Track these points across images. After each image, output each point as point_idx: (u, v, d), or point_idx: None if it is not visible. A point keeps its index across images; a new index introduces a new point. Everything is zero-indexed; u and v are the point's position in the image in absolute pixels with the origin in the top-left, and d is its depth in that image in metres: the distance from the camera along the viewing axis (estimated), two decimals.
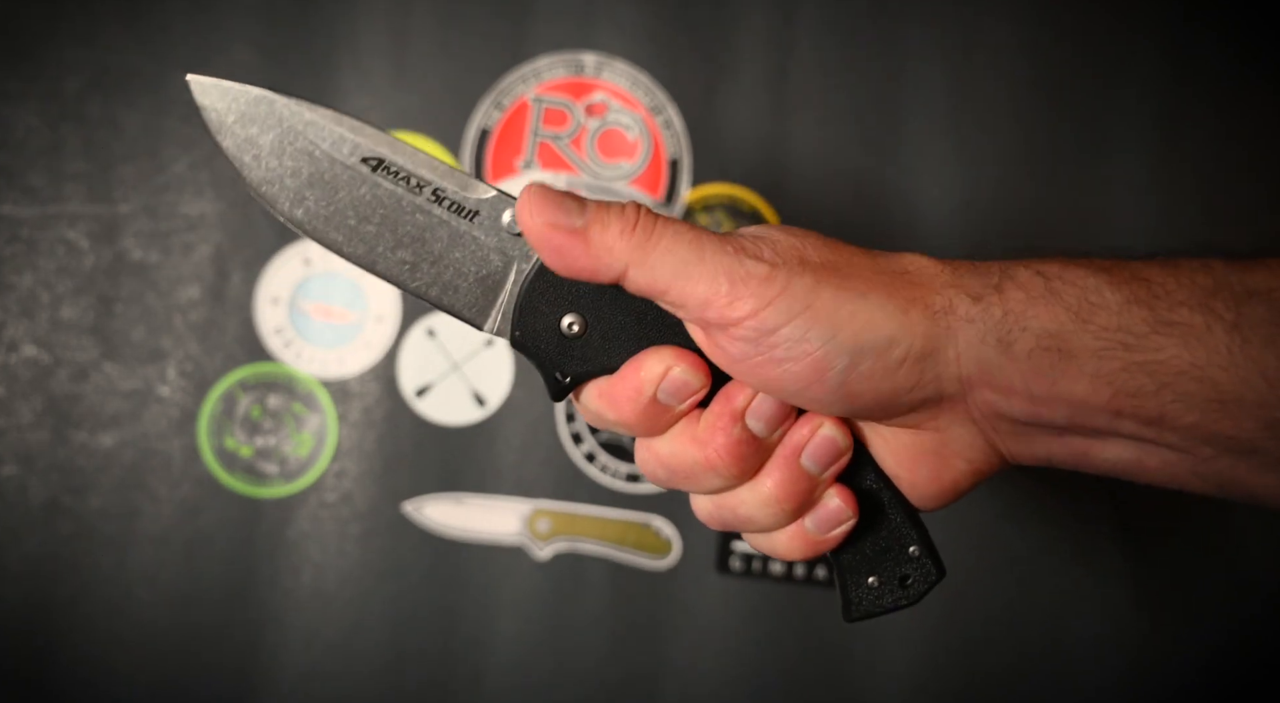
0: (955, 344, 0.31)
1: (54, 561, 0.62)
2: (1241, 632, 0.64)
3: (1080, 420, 0.31)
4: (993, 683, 0.63)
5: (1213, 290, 0.29)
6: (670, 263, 0.31)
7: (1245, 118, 0.65)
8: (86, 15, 0.64)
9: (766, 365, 0.31)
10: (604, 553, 0.64)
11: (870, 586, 0.36)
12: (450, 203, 0.33)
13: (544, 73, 0.65)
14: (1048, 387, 0.30)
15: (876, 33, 0.65)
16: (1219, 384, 0.28)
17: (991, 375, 0.31)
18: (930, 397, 0.32)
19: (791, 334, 0.31)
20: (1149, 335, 0.29)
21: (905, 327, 0.31)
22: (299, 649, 0.62)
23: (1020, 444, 0.33)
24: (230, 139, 0.33)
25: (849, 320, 0.31)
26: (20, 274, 0.63)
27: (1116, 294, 0.30)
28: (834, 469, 0.34)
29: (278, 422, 0.64)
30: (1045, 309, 0.30)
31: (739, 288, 0.31)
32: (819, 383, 0.31)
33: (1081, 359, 0.30)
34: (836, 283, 0.31)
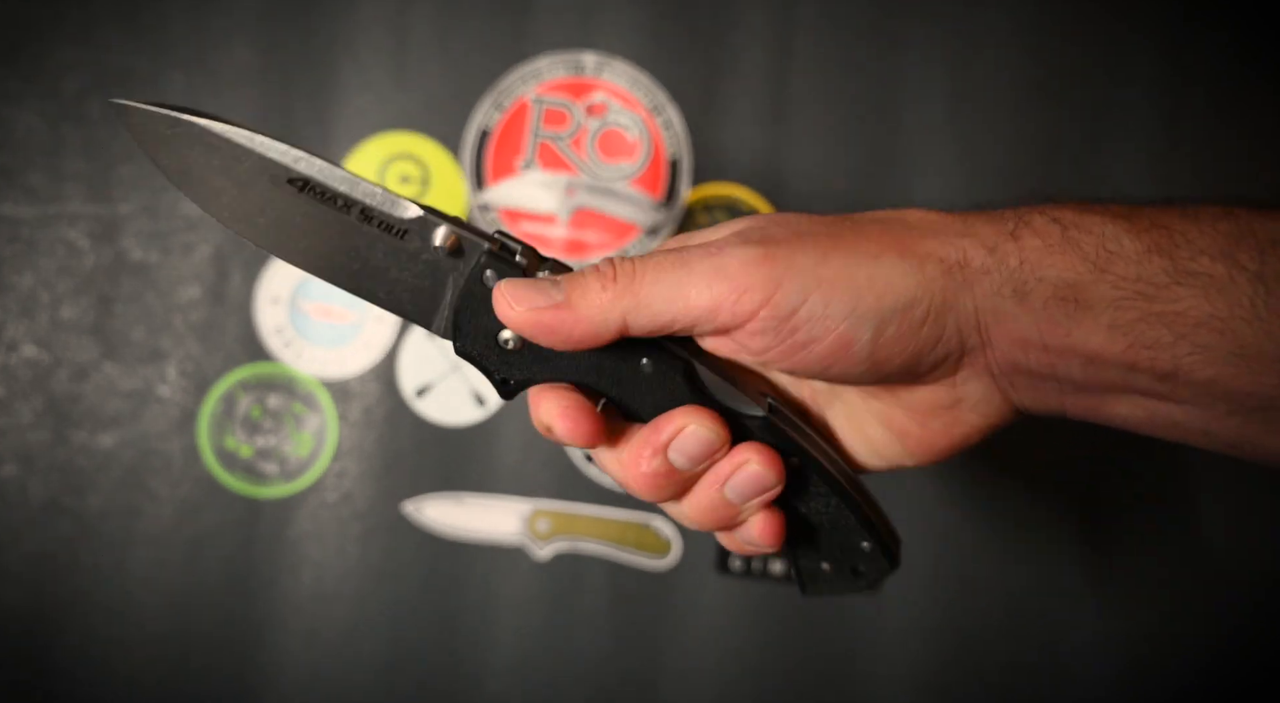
0: (973, 296, 0.30)
1: (54, 561, 0.62)
2: (1241, 632, 0.64)
3: (1094, 374, 0.30)
4: (993, 683, 0.63)
5: (1236, 238, 0.28)
6: (661, 292, 0.30)
7: (1245, 117, 0.65)
8: (86, 15, 0.64)
9: (791, 350, 0.30)
10: (604, 553, 0.64)
11: (824, 571, 0.36)
12: (379, 222, 0.33)
13: (544, 73, 0.65)
14: (1063, 337, 0.29)
15: (876, 32, 0.65)
16: (1240, 336, 0.27)
17: (1008, 326, 0.30)
18: (953, 351, 0.31)
19: (811, 312, 0.30)
20: (1169, 286, 0.28)
21: (923, 283, 0.30)
22: (299, 649, 0.62)
23: (1034, 397, 0.32)
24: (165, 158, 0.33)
25: (868, 286, 0.29)
26: (20, 274, 0.63)
27: (1136, 243, 0.29)
28: (759, 501, 0.33)
29: (278, 422, 0.64)
30: (1061, 258, 0.29)
31: (739, 280, 0.29)
32: (847, 356, 0.30)
33: (1098, 310, 0.29)
34: (845, 249, 0.30)
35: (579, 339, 0.31)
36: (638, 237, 0.65)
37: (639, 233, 0.65)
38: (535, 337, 0.31)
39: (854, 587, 0.36)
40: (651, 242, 0.65)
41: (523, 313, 0.31)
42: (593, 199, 0.65)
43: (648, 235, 0.65)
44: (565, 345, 0.31)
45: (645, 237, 0.65)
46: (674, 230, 0.65)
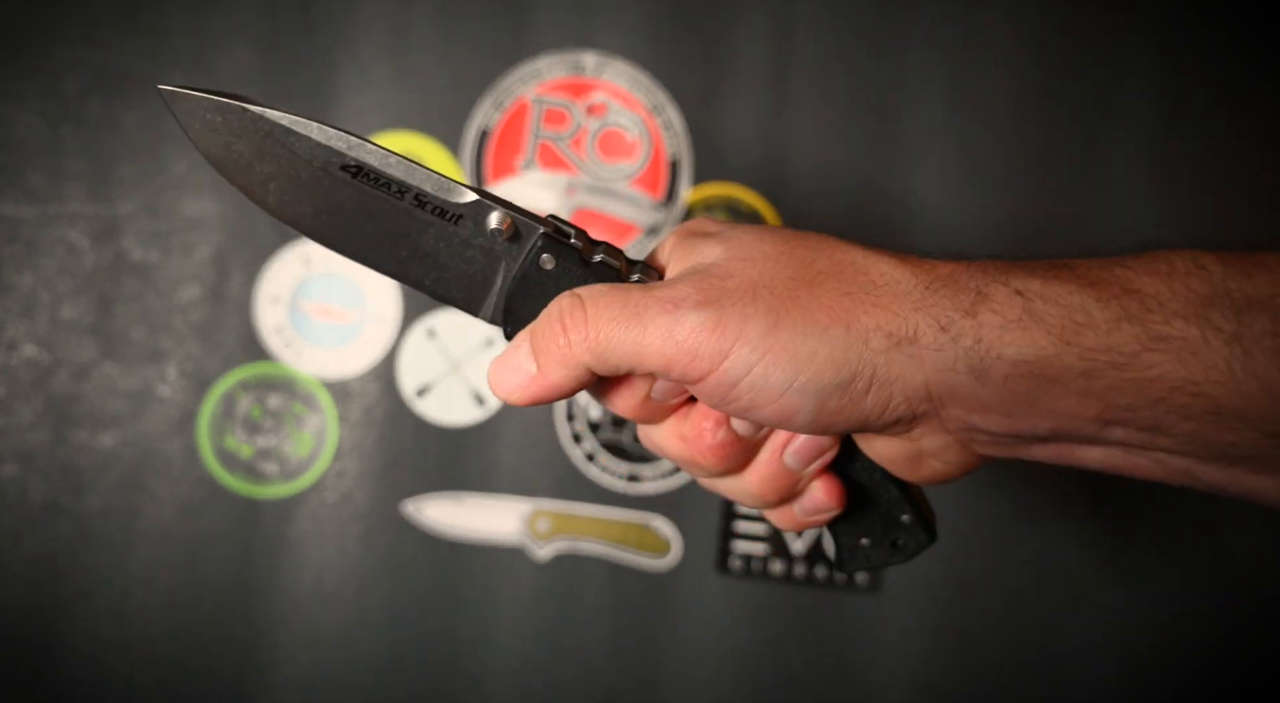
0: (922, 371, 0.29)
1: (54, 561, 0.62)
2: (1241, 633, 0.64)
3: (1066, 429, 0.29)
4: (993, 684, 0.63)
5: (1210, 299, 0.27)
6: (618, 347, 0.31)
7: (1246, 117, 0.65)
8: (86, 15, 0.64)
9: (738, 410, 0.32)
10: (604, 553, 0.64)
11: (863, 546, 0.37)
12: (433, 207, 0.33)
13: (544, 73, 0.65)
14: (1026, 406, 0.29)
15: (876, 32, 0.65)
16: (1218, 400, 0.27)
17: (963, 398, 0.30)
18: (903, 416, 0.31)
19: (752, 384, 0.30)
20: (1140, 354, 0.27)
21: (865, 357, 0.29)
22: (299, 649, 0.62)
23: (999, 449, 0.32)
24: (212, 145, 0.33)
25: (809, 360, 0.30)
26: (20, 274, 0.63)
27: (1105, 312, 0.28)
28: (816, 466, 0.34)
29: (278, 422, 0.64)
30: (1022, 335, 0.28)
31: (689, 345, 0.30)
32: (790, 422, 0.31)
33: (1066, 380, 0.28)
34: (795, 316, 0.30)
35: (568, 392, 0.33)
36: (638, 237, 0.65)
37: (639, 233, 0.65)
38: (536, 403, 0.34)
39: (891, 559, 0.37)
40: (651, 242, 0.65)
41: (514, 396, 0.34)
42: (593, 199, 0.65)
43: (648, 235, 0.65)
44: (560, 398, 0.33)
45: (645, 237, 0.65)
46: None
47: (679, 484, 0.64)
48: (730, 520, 0.64)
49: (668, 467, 0.64)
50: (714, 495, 0.64)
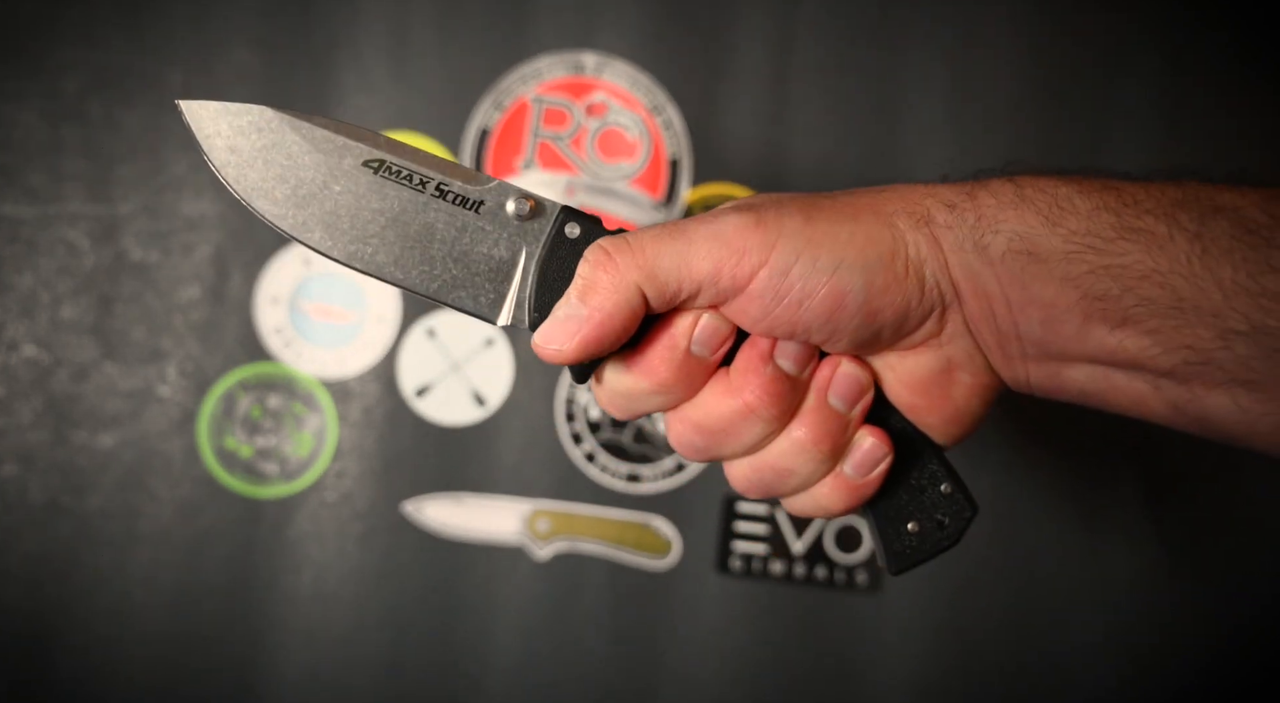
0: (941, 250, 0.32)
1: (54, 561, 0.62)
2: (1241, 633, 0.64)
3: (1053, 328, 0.32)
4: (993, 683, 0.63)
5: (1180, 202, 0.30)
6: (666, 261, 0.32)
7: (1245, 116, 0.65)
8: (86, 15, 0.64)
9: (789, 311, 0.32)
10: (604, 553, 0.64)
11: (910, 533, 0.36)
12: (455, 196, 0.34)
13: (544, 73, 0.65)
14: (1020, 290, 0.31)
15: (876, 32, 0.65)
16: (1178, 291, 0.29)
17: (973, 281, 0.32)
18: (935, 303, 0.33)
19: (803, 270, 0.32)
20: (1115, 240, 0.30)
21: (898, 236, 0.32)
22: (299, 650, 0.62)
23: (1004, 361, 0.34)
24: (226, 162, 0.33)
25: (849, 241, 0.32)
26: (20, 274, 0.63)
27: (1086, 201, 0.31)
28: (861, 406, 0.35)
29: (278, 422, 0.64)
30: (1015, 214, 0.31)
31: (736, 243, 0.32)
32: (841, 309, 0.32)
33: (1051, 262, 0.31)
34: (825, 213, 0.33)
35: (621, 329, 0.33)
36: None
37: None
38: (593, 354, 0.33)
39: (940, 543, 0.36)
40: None
41: (567, 345, 0.33)
42: (593, 199, 0.65)
43: None
44: (615, 343, 0.33)
45: None
46: None
47: (679, 484, 0.64)
48: (730, 521, 0.64)
49: (668, 466, 0.64)
50: (714, 495, 0.64)
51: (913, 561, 0.36)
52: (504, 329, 0.35)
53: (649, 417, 0.64)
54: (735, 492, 0.64)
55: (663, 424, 0.64)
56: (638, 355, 0.34)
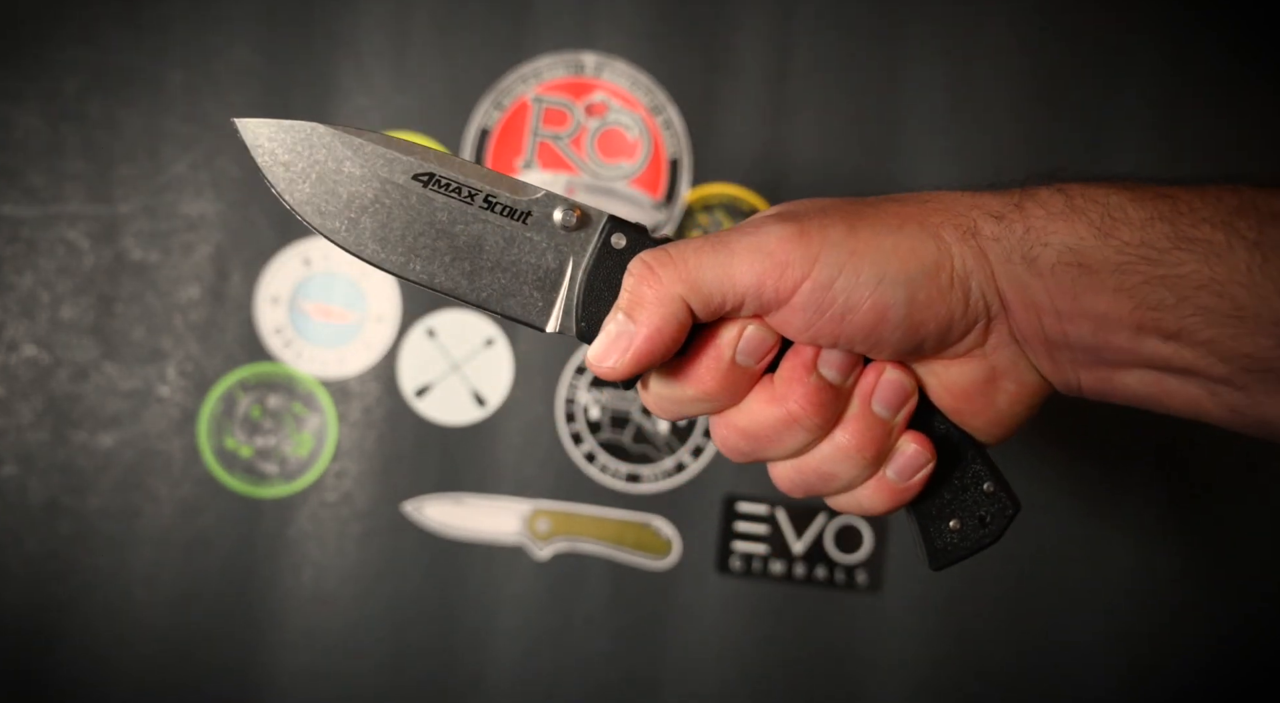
0: (988, 263, 0.32)
1: (54, 561, 0.62)
2: (1241, 632, 0.64)
3: (1104, 339, 0.31)
4: (993, 683, 0.63)
5: (1237, 209, 0.29)
6: (709, 274, 0.32)
7: (1245, 117, 0.65)
8: (86, 15, 0.64)
9: (832, 323, 0.32)
10: (604, 553, 0.64)
11: (952, 530, 0.36)
12: (502, 208, 0.34)
13: (544, 73, 0.65)
14: (1071, 301, 0.31)
15: (876, 32, 0.65)
16: (1238, 300, 0.29)
17: (1021, 292, 0.32)
18: (980, 316, 0.32)
19: (846, 284, 0.31)
20: (1170, 250, 0.29)
21: (943, 249, 0.32)
22: (299, 649, 0.62)
23: (1052, 368, 0.33)
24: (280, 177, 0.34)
25: (893, 253, 0.31)
26: (20, 274, 0.63)
27: (1140, 210, 0.30)
28: (904, 412, 0.35)
29: (278, 422, 0.64)
30: (1065, 225, 0.31)
31: (779, 255, 0.31)
32: (884, 322, 0.32)
33: (1103, 273, 0.30)
34: (868, 222, 0.32)
35: (671, 341, 0.33)
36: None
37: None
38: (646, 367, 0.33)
39: (981, 541, 0.36)
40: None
41: (621, 362, 0.33)
42: (593, 199, 0.65)
43: None
44: (667, 354, 0.33)
45: None
46: (674, 230, 0.65)
47: (679, 484, 0.64)
48: (730, 521, 0.64)
49: (668, 467, 0.64)
50: (714, 495, 0.64)
51: (954, 557, 0.37)
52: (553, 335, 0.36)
53: (649, 417, 0.64)
54: (735, 492, 0.64)
55: (664, 424, 0.64)
56: (684, 364, 0.35)
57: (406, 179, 0.34)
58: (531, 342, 0.65)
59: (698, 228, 0.65)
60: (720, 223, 0.65)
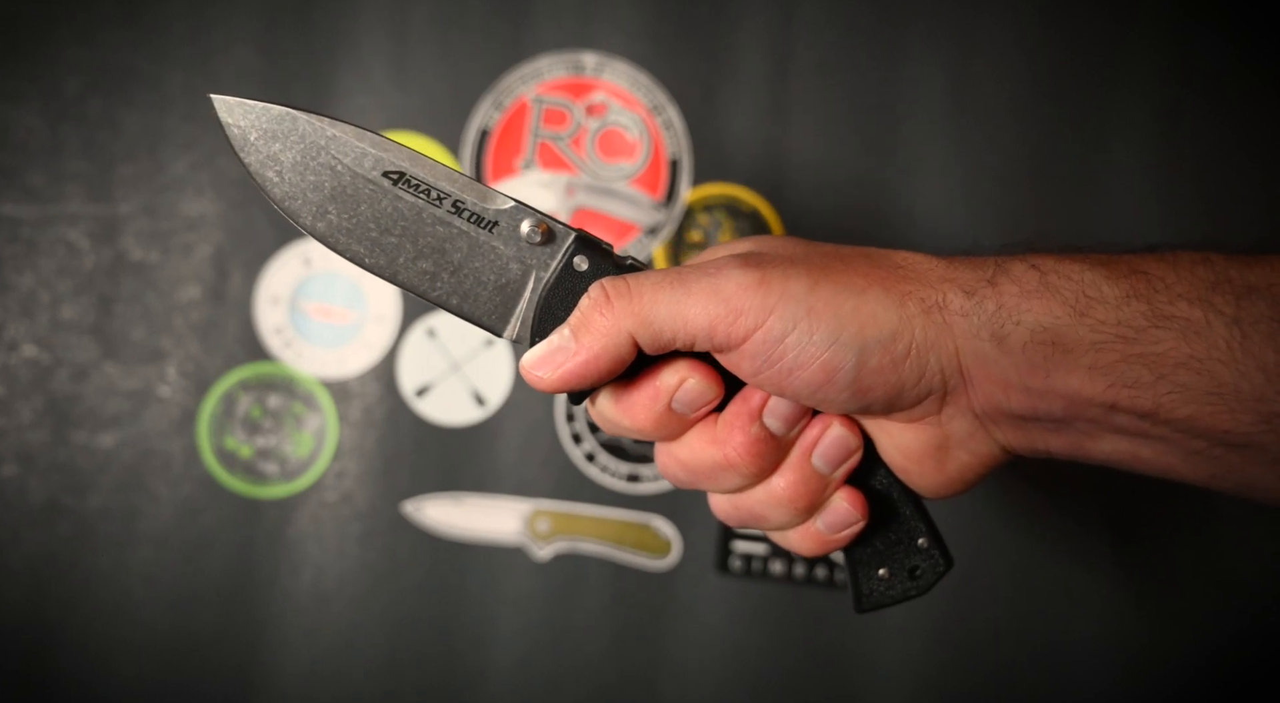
0: (953, 337, 0.31)
1: (54, 561, 0.62)
2: (1241, 632, 0.64)
3: (1076, 413, 0.31)
4: (993, 683, 0.63)
5: (1213, 284, 0.29)
6: (661, 310, 0.32)
7: (1245, 117, 0.65)
8: (86, 15, 0.64)
9: (779, 376, 0.32)
10: (604, 553, 0.64)
11: (880, 577, 0.37)
12: (470, 214, 0.34)
13: (544, 73, 0.65)
14: (1042, 380, 0.30)
15: (876, 33, 0.65)
16: (1217, 377, 0.28)
17: (988, 369, 0.31)
18: (935, 389, 0.32)
19: (798, 341, 0.31)
20: (1148, 329, 0.29)
21: (904, 319, 0.31)
22: (299, 649, 0.62)
23: (1018, 437, 0.33)
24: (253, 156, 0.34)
25: (851, 317, 0.31)
26: (20, 274, 0.63)
27: (1115, 288, 0.30)
28: (844, 469, 0.34)
29: (278, 422, 0.64)
30: (1039, 303, 0.30)
31: (734, 302, 0.31)
32: (830, 384, 0.32)
33: (1077, 352, 0.30)
34: (833, 280, 0.31)
35: (606, 371, 0.33)
36: (638, 236, 0.65)
37: (639, 233, 0.65)
38: (574, 388, 0.33)
39: (908, 592, 0.36)
40: (651, 242, 0.65)
41: (550, 375, 0.33)
42: (593, 199, 0.65)
43: (647, 235, 0.65)
44: (600, 379, 0.33)
45: (645, 236, 0.65)
46: (674, 230, 0.65)
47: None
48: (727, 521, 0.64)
49: None
50: None
51: (878, 604, 0.37)
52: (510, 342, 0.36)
53: None
54: None
55: None
56: (625, 393, 0.35)
57: (377, 175, 0.34)
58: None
59: (698, 228, 0.65)
60: (720, 223, 0.65)
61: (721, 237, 0.65)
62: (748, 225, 0.65)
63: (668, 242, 0.65)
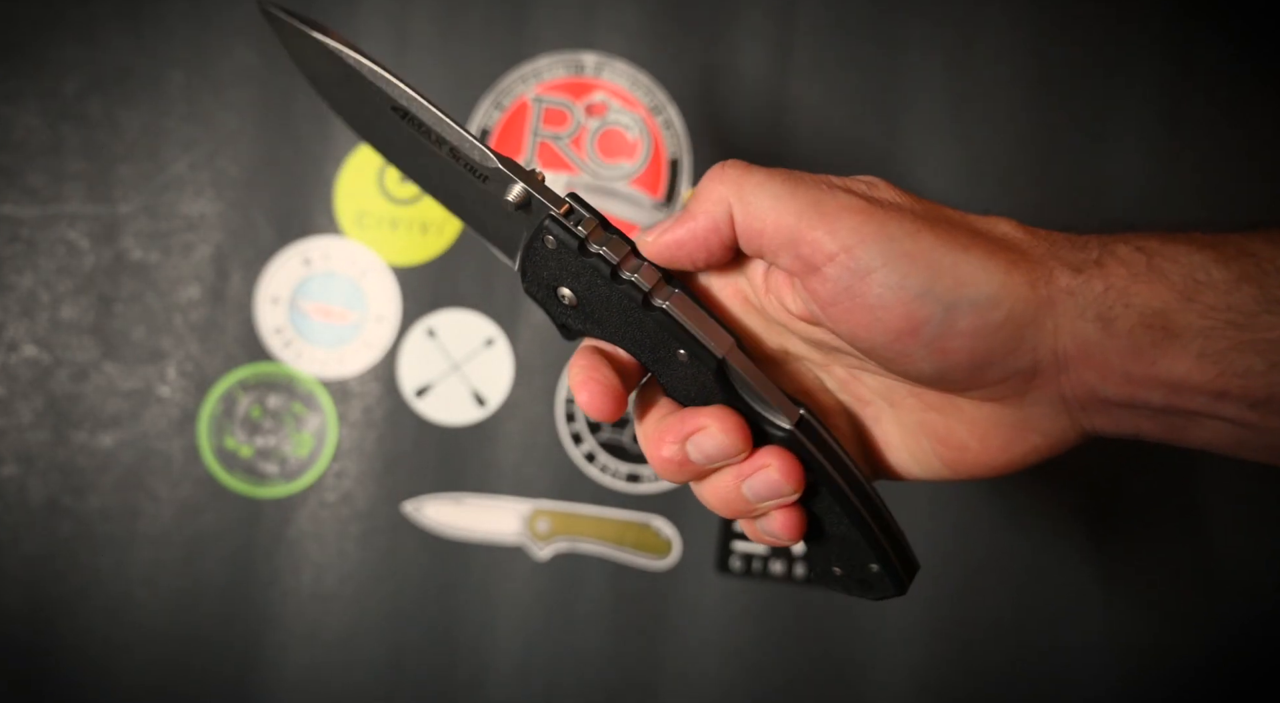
0: (1054, 316, 0.29)
1: (54, 561, 0.62)
2: (1241, 633, 0.64)
3: (1178, 402, 0.29)
4: (993, 683, 0.63)
5: None
6: (764, 197, 0.31)
7: (1246, 111, 0.65)
8: (86, 15, 0.64)
9: (858, 311, 0.30)
10: (604, 553, 0.64)
11: (835, 573, 0.36)
12: (465, 162, 0.35)
13: (544, 73, 0.65)
14: (1146, 367, 0.29)
15: (876, 32, 0.65)
16: None
17: (1089, 353, 0.29)
18: (1024, 368, 0.30)
19: (887, 278, 0.29)
20: (1259, 314, 0.28)
21: (1008, 288, 0.29)
22: (299, 649, 0.62)
23: (1109, 421, 0.31)
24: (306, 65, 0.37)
25: (949, 271, 0.29)
26: (20, 274, 0.63)
27: (1225, 272, 0.28)
28: (773, 504, 0.33)
29: (278, 422, 0.64)
30: (1148, 287, 0.29)
31: (831, 220, 0.30)
32: (912, 335, 0.30)
33: (1186, 338, 0.28)
34: (937, 232, 0.30)
35: (704, 237, 0.32)
36: (637, 236, 0.65)
37: (639, 233, 0.65)
38: (675, 260, 0.33)
39: (861, 594, 0.36)
40: None
41: (656, 240, 0.33)
42: (592, 199, 0.65)
43: None
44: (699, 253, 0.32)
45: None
46: None
47: (679, 484, 0.64)
48: (730, 521, 0.64)
49: None
50: None
51: (831, 588, 0.36)
52: None
53: None
54: None
55: None
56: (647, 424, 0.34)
57: (387, 108, 0.35)
58: (531, 342, 0.65)
59: None
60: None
61: None
62: None
63: None
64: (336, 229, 0.64)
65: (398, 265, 0.65)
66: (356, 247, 0.64)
